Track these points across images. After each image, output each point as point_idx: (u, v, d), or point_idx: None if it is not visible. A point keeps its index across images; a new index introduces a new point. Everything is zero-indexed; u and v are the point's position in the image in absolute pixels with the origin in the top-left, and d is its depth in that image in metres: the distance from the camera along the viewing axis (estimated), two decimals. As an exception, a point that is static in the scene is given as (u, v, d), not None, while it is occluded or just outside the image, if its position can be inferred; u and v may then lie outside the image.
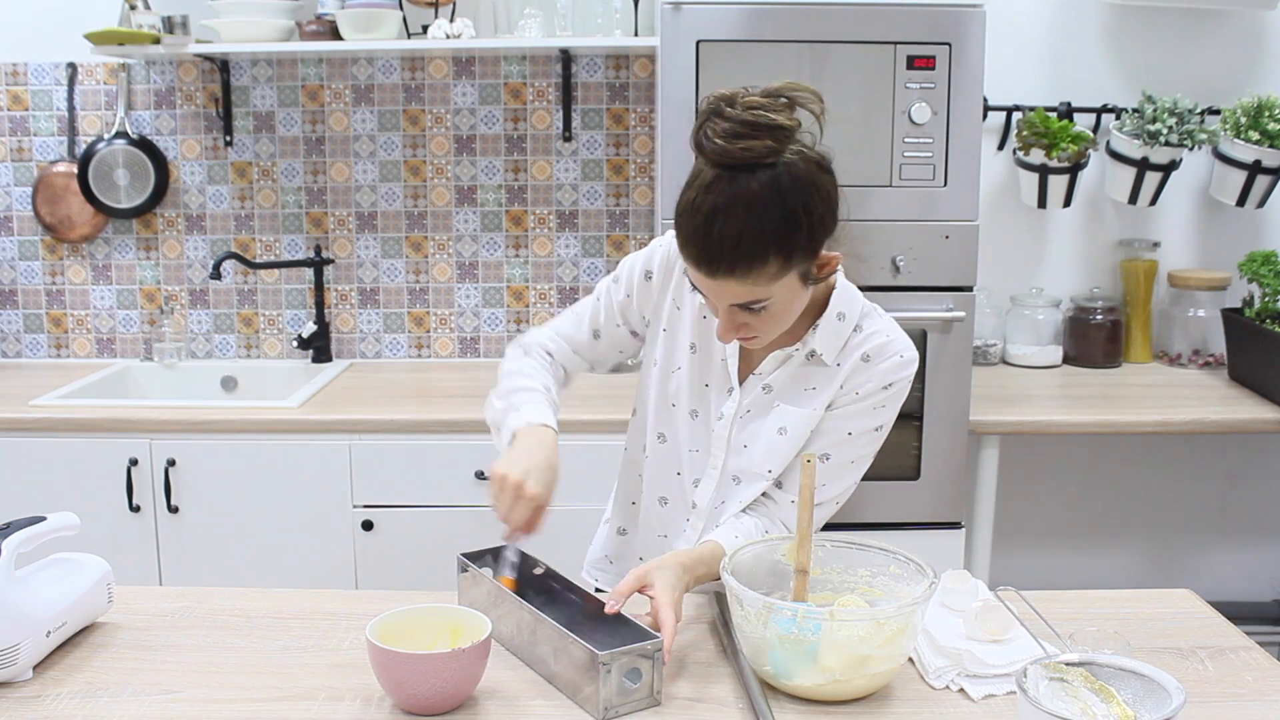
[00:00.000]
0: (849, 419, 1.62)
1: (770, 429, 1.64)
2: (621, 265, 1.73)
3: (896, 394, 1.62)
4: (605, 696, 1.29)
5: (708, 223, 1.41)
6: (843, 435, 1.62)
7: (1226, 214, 3.21)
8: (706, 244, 1.42)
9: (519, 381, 1.68)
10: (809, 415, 1.62)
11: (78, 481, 2.68)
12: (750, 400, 1.65)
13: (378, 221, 3.23)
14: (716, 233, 1.41)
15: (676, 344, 1.68)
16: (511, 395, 1.66)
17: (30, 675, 1.39)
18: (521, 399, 1.64)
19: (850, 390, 1.61)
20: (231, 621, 1.56)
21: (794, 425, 1.62)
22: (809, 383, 1.62)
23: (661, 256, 1.68)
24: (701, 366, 1.67)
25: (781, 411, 1.63)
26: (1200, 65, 3.15)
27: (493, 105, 3.17)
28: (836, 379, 1.61)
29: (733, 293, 1.45)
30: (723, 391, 1.66)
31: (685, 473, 1.70)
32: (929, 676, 1.39)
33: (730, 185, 1.40)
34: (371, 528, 2.69)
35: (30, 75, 3.16)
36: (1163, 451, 3.28)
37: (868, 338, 1.62)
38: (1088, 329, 3.16)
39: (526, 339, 1.77)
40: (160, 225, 3.24)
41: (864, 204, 2.55)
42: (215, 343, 3.30)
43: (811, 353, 1.61)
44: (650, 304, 1.70)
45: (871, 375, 1.60)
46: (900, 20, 2.49)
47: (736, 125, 1.39)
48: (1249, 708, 1.34)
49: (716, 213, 1.40)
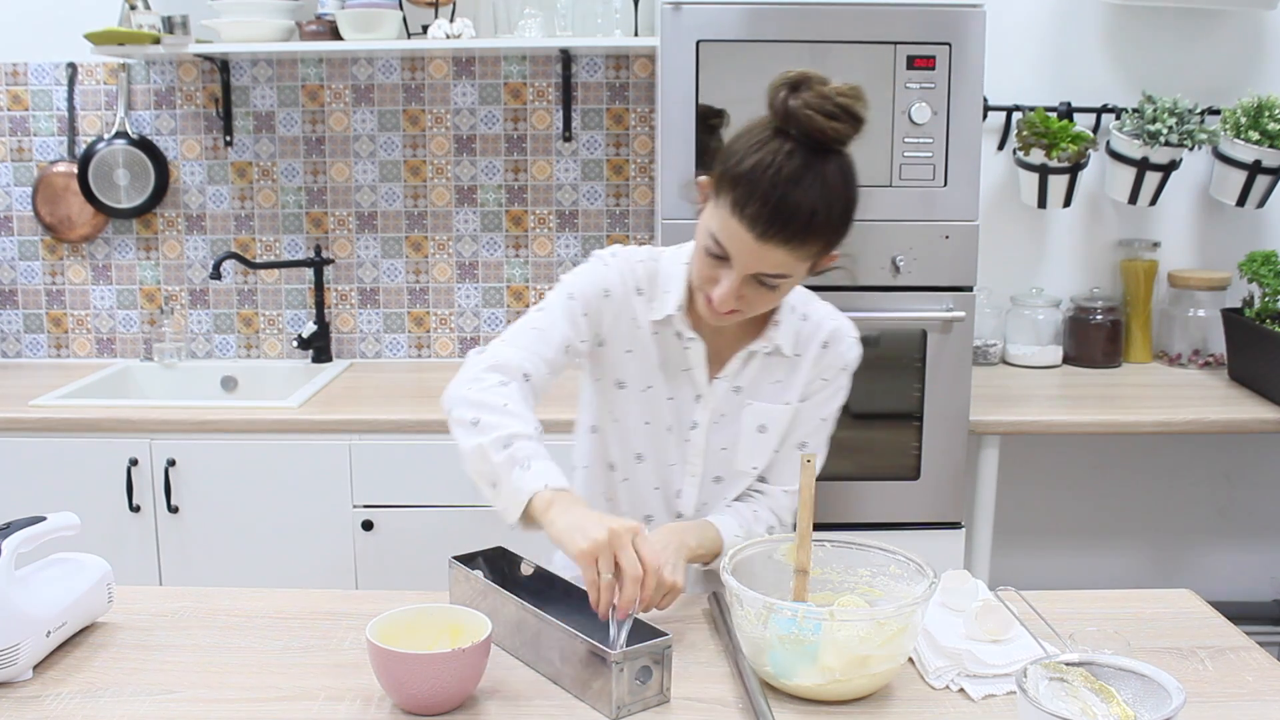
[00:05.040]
0: (821, 406, 1.70)
1: (749, 428, 1.67)
2: (573, 282, 1.65)
3: (850, 374, 1.72)
4: (618, 696, 1.29)
5: (786, 186, 1.43)
6: (817, 422, 1.70)
7: (1226, 214, 3.21)
8: (780, 207, 1.43)
9: (513, 426, 1.47)
10: (784, 410, 1.67)
11: (78, 481, 2.68)
12: (722, 403, 1.67)
13: (378, 221, 3.23)
14: (794, 199, 1.43)
15: (643, 363, 1.67)
16: (512, 446, 1.46)
17: (30, 675, 1.39)
18: (524, 450, 1.46)
19: (817, 378, 1.68)
20: (231, 621, 1.56)
21: (772, 421, 1.67)
22: (774, 377, 1.67)
23: (618, 274, 1.65)
24: (667, 382, 1.67)
25: (755, 410, 1.67)
26: (1200, 65, 3.14)
27: (493, 105, 3.17)
28: (800, 369, 1.67)
29: (770, 261, 1.47)
30: (691, 400, 1.67)
31: (665, 486, 1.71)
32: (929, 676, 1.39)
33: (809, 159, 1.44)
34: (371, 528, 2.69)
35: (30, 75, 3.16)
36: (1163, 451, 3.28)
37: (819, 325, 1.68)
38: (1088, 329, 3.16)
39: (499, 358, 1.57)
40: (160, 225, 3.24)
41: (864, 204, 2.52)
42: (215, 343, 3.30)
43: (776, 348, 1.65)
44: (607, 323, 1.66)
45: (833, 360, 1.69)
46: (900, 20, 2.49)
47: (832, 105, 1.42)
48: (1249, 708, 1.34)
49: (796, 180, 1.43)
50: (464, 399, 1.52)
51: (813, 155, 1.44)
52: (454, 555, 1.56)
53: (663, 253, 1.69)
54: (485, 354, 1.59)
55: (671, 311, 1.63)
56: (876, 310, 2.59)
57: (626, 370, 1.67)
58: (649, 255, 1.68)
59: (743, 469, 1.69)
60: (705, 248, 1.51)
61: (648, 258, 1.67)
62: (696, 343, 1.64)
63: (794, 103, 1.43)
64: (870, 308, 2.59)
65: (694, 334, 1.64)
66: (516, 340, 1.60)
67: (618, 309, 1.65)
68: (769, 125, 1.47)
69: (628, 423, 1.69)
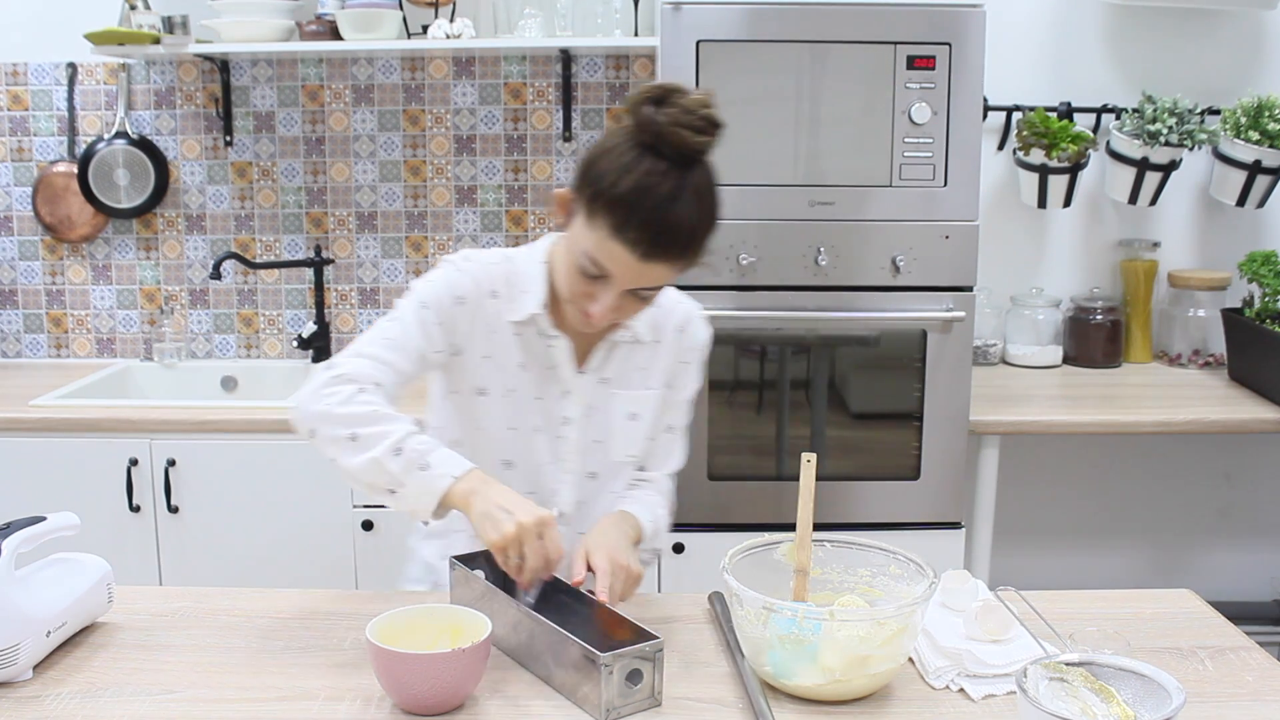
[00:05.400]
0: (684, 388, 1.76)
1: (620, 417, 1.70)
2: (425, 290, 1.61)
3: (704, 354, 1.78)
4: (607, 698, 1.29)
5: (666, 206, 1.45)
6: (682, 403, 1.77)
7: (1226, 214, 3.21)
8: (663, 228, 1.45)
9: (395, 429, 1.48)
10: (651, 395, 1.71)
11: (78, 481, 2.68)
12: (591, 396, 1.69)
13: (378, 221, 3.23)
14: (674, 219, 1.45)
15: (503, 367, 1.65)
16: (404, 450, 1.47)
17: (30, 675, 1.39)
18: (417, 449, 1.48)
19: (678, 361, 1.73)
20: (231, 621, 1.56)
21: (642, 408, 1.71)
22: (637, 364, 1.70)
23: (472, 280, 1.62)
24: (532, 382, 1.66)
25: (624, 398, 1.70)
26: (1200, 65, 3.14)
27: (493, 105, 3.17)
28: (661, 354, 1.71)
29: (651, 277, 1.50)
30: (559, 397, 1.68)
31: (539, 489, 1.70)
32: (929, 676, 1.39)
33: (681, 175, 1.45)
34: (371, 528, 2.69)
35: (30, 75, 3.16)
36: (1163, 451, 3.28)
37: (671, 310, 1.73)
38: (1088, 329, 3.16)
39: (348, 370, 1.53)
40: (160, 225, 3.24)
41: (864, 204, 2.55)
42: (215, 343, 3.30)
43: (635, 336, 1.68)
44: (462, 330, 1.63)
45: (690, 343, 1.74)
46: (900, 20, 2.49)
47: (698, 119, 1.44)
48: (1249, 708, 1.34)
49: (674, 199, 1.45)
50: (326, 415, 1.49)
51: (683, 170, 1.45)
52: (454, 555, 1.56)
53: (515, 254, 1.68)
54: (334, 367, 1.54)
55: (535, 311, 1.62)
56: (876, 310, 2.59)
57: (487, 377, 1.65)
58: (502, 258, 1.67)
59: (619, 459, 1.72)
60: (580, 268, 1.50)
61: (501, 260, 1.66)
62: (561, 340, 1.64)
63: (662, 119, 1.43)
64: (870, 308, 2.59)
65: (557, 332, 1.64)
66: (367, 351, 1.57)
67: (473, 315, 1.63)
68: (633, 141, 1.46)
69: (492, 430, 1.67)
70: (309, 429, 1.52)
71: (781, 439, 2.70)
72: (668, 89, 1.45)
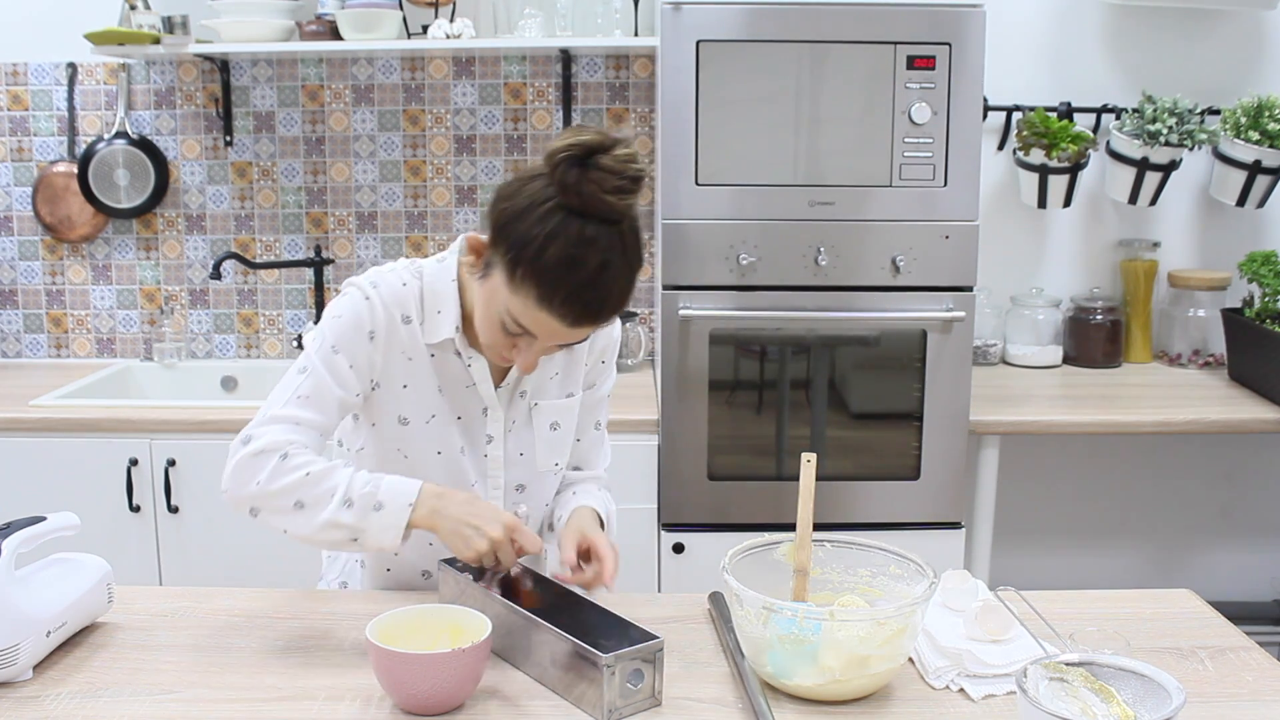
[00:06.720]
0: (604, 385, 1.77)
1: (542, 429, 1.69)
2: (334, 331, 1.56)
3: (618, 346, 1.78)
4: (609, 699, 1.29)
5: (594, 279, 1.41)
6: (603, 399, 1.79)
7: (1226, 214, 3.21)
8: (592, 299, 1.43)
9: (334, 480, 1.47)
10: (571, 403, 1.71)
11: (78, 481, 2.68)
12: (512, 411, 1.68)
13: (378, 221, 3.23)
14: (604, 287, 1.42)
15: (422, 393, 1.62)
16: (352, 499, 1.47)
17: (30, 675, 1.39)
18: (363, 490, 1.47)
19: (597, 362, 1.73)
20: (231, 621, 1.56)
21: (562, 416, 1.70)
22: (552, 373, 1.69)
23: (382, 308, 1.57)
24: (452, 404, 1.64)
25: (543, 409, 1.69)
26: (1200, 65, 3.15)
27: (493, 105, 3.17)
28: (577, 358, 1.70)
29: (580, 335, 1.50)
30: (479, 415, 1.66)
31: None
32: (929, 676, 1.39)
33: (607, 238, 1.41)
34: (371, 528, 2.69)
35: (30, 75, 3.16)
36: (1163, 451, 3.28)
37: None
38: (1088, 329, 3.16)
39: (264, 441, 1.50)
40: (160, 225, 3.24)
41: (864, 204, 2.55)
42: (215, 343, 3.30)
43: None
44: (378, 366, 1.59)
45: (605, 342, 1.73)
46: (900, 20, 2.49)
47: (623, 180, 1.39)
48: (1249, 708, 1.34)
49: (604, 267, 1.41)
50: (262, 494, 1.48)
51: (610, 229, 1.41)
52: (442, 559, 1.56)
53: (425, 267, 1.62)
54: (250, 440, 1.51)
55: (449, 335, 1.59)
56: (876, 310, 2.59)
57: (407, 406, 1.62)
58: (411, 275, 1.60)
59: (544, 469, 1.72)
60: (502, 323, 1.47)
61: (411, 278, 1.60)
62: (478, 359, 1.61)
63: (588, 187, 1.37)
64: (870, 308, 2.59)
65: (474, 351, 1.61)
66: (282, 414, 1.52)
67: (386, 347, 1.58)
68: (555, 204, 1.40)
69: (418, 457, 1.64)
70: (248, 509, 1.50)
71: (781, 439, 2.70)
72: (589, 146, 1.38)
